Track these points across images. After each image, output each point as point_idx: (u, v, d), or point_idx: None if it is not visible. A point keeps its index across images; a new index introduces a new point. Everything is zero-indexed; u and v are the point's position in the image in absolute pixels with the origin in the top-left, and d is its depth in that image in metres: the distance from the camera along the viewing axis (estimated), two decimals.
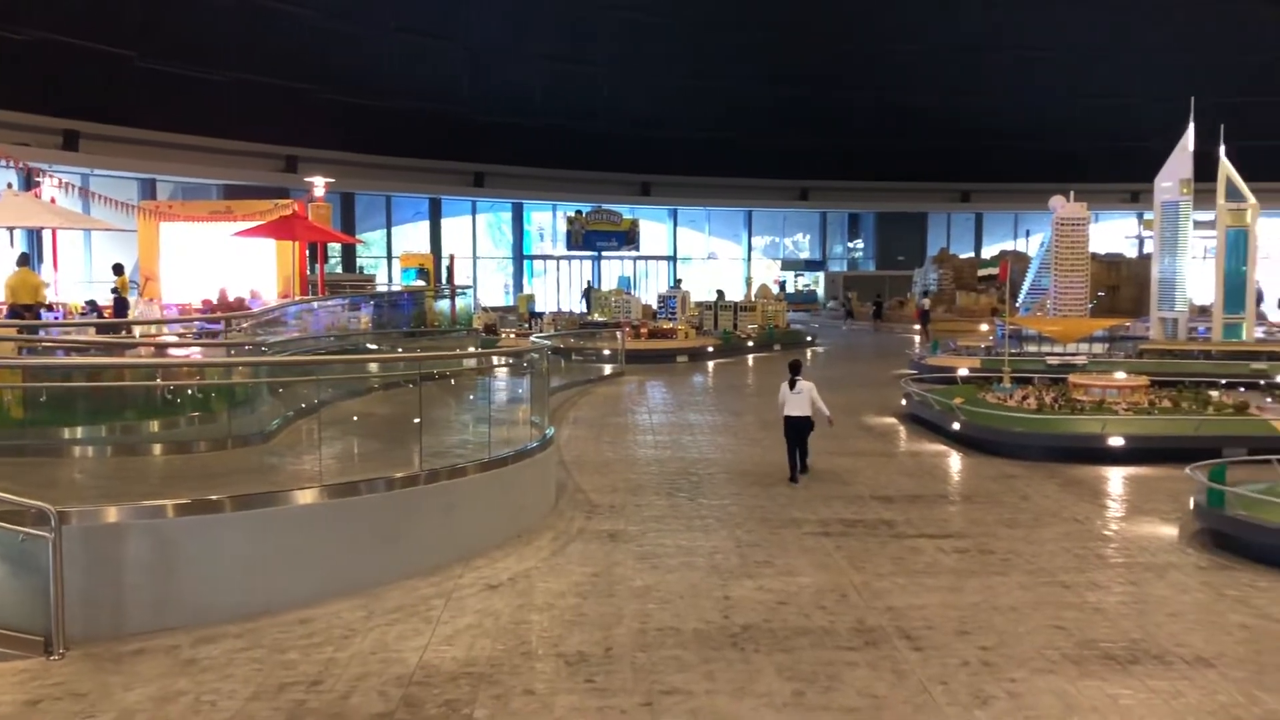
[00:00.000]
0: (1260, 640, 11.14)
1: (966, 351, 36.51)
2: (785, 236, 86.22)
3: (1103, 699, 9.57)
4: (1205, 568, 13.93)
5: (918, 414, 25.87)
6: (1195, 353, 34.95)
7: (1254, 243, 36.85)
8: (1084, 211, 37.53)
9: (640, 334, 42.87)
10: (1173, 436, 21.41)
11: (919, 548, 14.72)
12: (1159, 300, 38.24)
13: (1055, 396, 24.13)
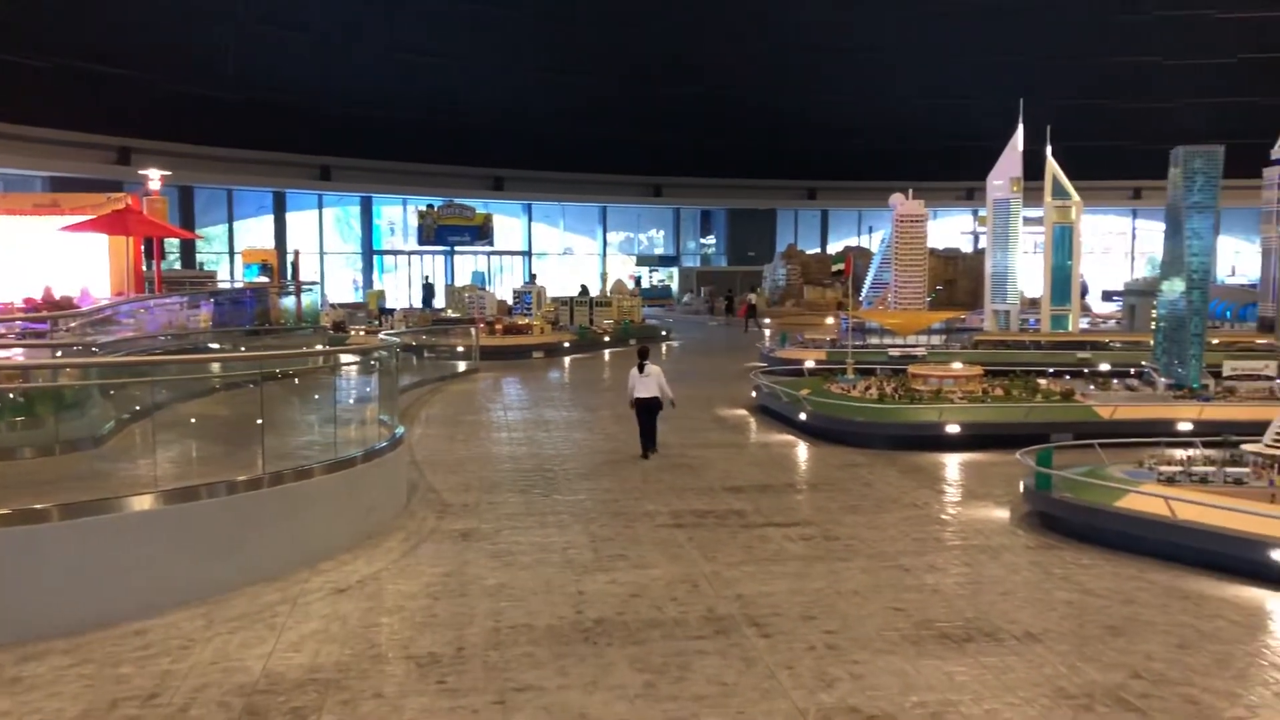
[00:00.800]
0: (1083, 615, 11.81)
1: (813, 344, 37.51)
2: (640, 232, 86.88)
3: (939, 677, 9.99)
4: (1034, 548, 14.67)
5: (767, 405, 26.46)
6: (1026, 343, 36.80)
7: (1079, 238, 38.99)
8: (922, 209, 39.01)
9: (495, 330, 42.57)
10: (1005, 423, 22.49)
11: (768, 536, 15.06)
12: (992, 293, 40.11)
13: (896, 387, 25.03)
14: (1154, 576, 13.17)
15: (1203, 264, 25.81)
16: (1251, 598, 12.42)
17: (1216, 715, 9.19)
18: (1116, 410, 22.88)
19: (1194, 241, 25.54)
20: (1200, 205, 25.52)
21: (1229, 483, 15.74)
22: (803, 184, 79.94)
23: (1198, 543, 13.63)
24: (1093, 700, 9.46)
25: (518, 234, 79.57)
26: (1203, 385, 24.97)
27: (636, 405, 20.61)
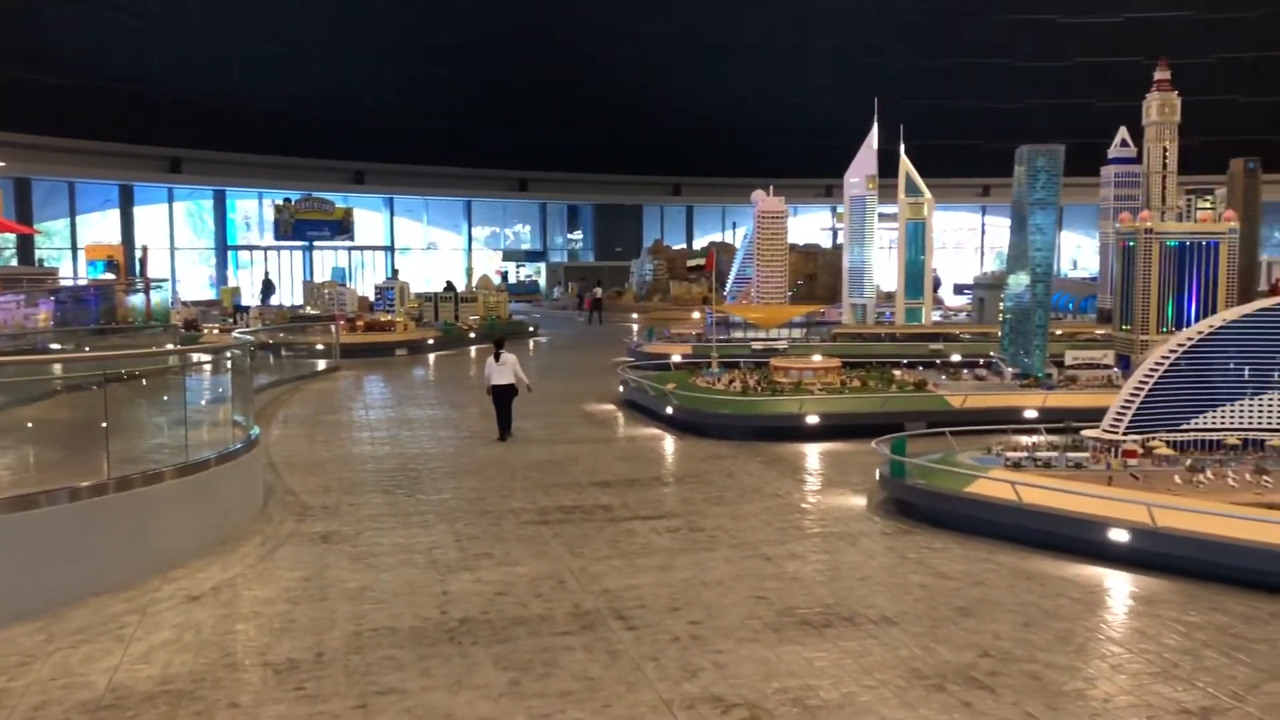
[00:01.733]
0: (936, 597, 12.25)
1: (680, 339, 37.89)
2: (506, 227, 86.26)
3: (800, 662, 10.22)
4: (890, 533, 15.15)
5: (635, 400, 26.61)
6: (882, 335, 37.94)
7: (931, 234, 40.36)
8: (782, 205, 39.82)
9: (356, 327, 41.67)
10: (862, 413, 23.13)
11: (634, 530, 15.15)
12: (850, 288, 41.21)
13: (758, 379, 25.49)
14: (1002, 558, 13.75)
15: (1046, 258, 27.03)
16: (1091, 576, 13.08)
17: (1058, 689, 9.64)
18: (967, 399, 23.80)
19: (1037, 237, 26.73)
20: (1043, 202, 26.72)
21: (1070, 467, 16.56)
22: (668, 180, 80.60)
23: (1042, 525, 14.29)
24: (945, 680, 9.81)
25: (379, 228, 78.01)
26: (1047, 374, 26.18)
27: (493, 392, 22.14)
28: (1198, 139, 43.27)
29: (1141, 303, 25.87)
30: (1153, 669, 10.09)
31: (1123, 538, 13.37)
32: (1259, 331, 17.54)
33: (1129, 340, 26.31)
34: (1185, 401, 17.56)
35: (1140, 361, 19.56)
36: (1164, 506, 13.54)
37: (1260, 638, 10.89)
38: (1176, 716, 9.04)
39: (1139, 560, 13.24)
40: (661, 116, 71.48)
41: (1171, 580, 12.73)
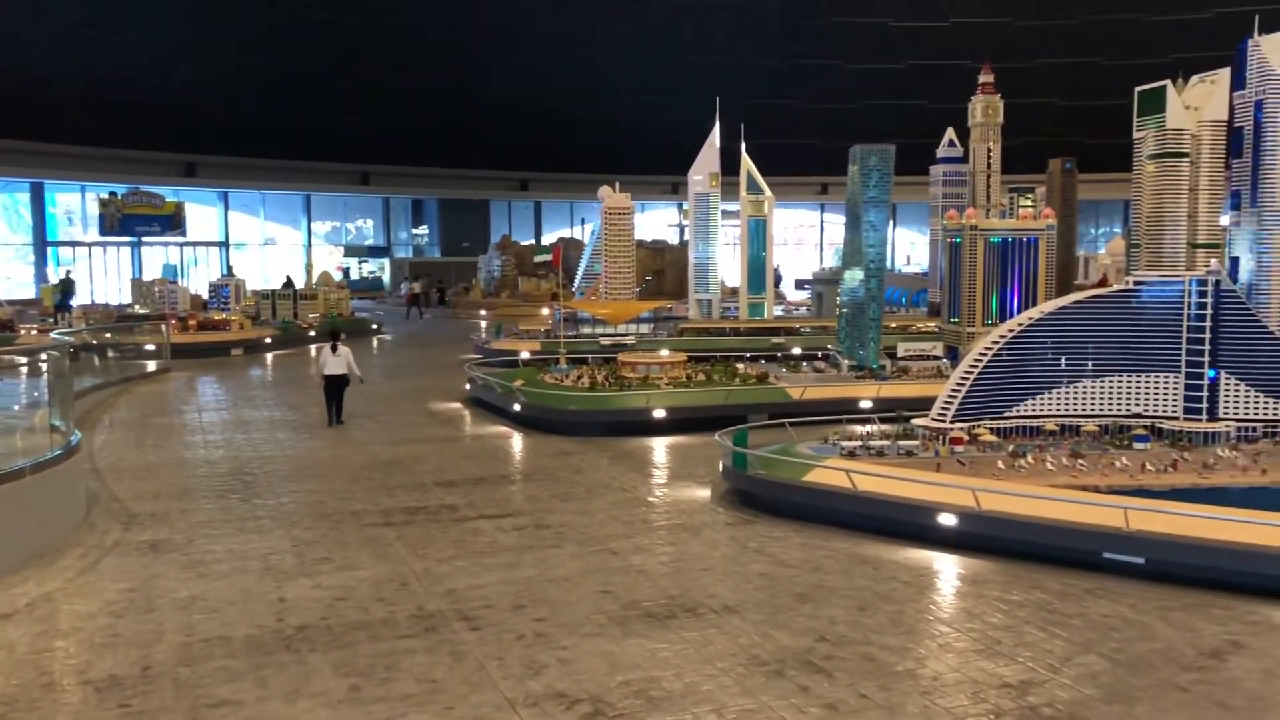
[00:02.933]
0: (775, 585, 12.55)
1: (528, 335, 37.75)
2: (348, 221, 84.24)
3: (643, 655, 10.32)
4: (732, 524, 15.45)
5: (482, 398, 26.37)
6: (726, 330, 38.66)
7: (771, 231, 41.31)
8: (629, 202, 40.07)
9: (189, 326, 39.99)
10: (707, 406, 23.54)
11: (480, 529, 15.02)
12: (695, 283, 41.84)
13: (606, 375, 25.61)
14: (838, 545, 14.19)
15: (879, 254, 28.00)
16: (921, 559, 13.63)
17: (890, 669, 10.02)
18: (806, 391, 24.46)
19: (871, 233, 27.67)
20: (876, 200, 27.66)
21: (902, 454, 17.21)
22: (516, 175, 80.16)
23: (875, 511, 14.82)
24: (784, 665, 10.07)
25: (214, 223, 75.05)
26: (881, 366, 27.14)
27: (326, 381, 23.32)
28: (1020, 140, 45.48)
29: (968, 296, 27.05)
30: (978, 646, 10.58)
31: (950, 521, 13.98)
32: (1074, 323, 18.61)
33: (957, 332, 27.49)
34: (1007, 390, 18.49)
35: (967, 353, 20.48)
36: (987, 490, 14.22)
37: (1075, 612, 11.55)
38: (999, 690, 9.50)
39: (966, 542, 13.87)
40: (509, 111, 70.91)
41: (995, 561, 13.37)
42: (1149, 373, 18.32)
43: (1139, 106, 27.94)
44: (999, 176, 39.18)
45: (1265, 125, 24.52)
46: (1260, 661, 10.12)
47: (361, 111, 69.04)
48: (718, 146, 41.23)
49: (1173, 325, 18.11)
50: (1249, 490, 15.74)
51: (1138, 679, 9.72)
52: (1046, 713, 9.00)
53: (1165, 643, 10.61)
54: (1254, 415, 18.07)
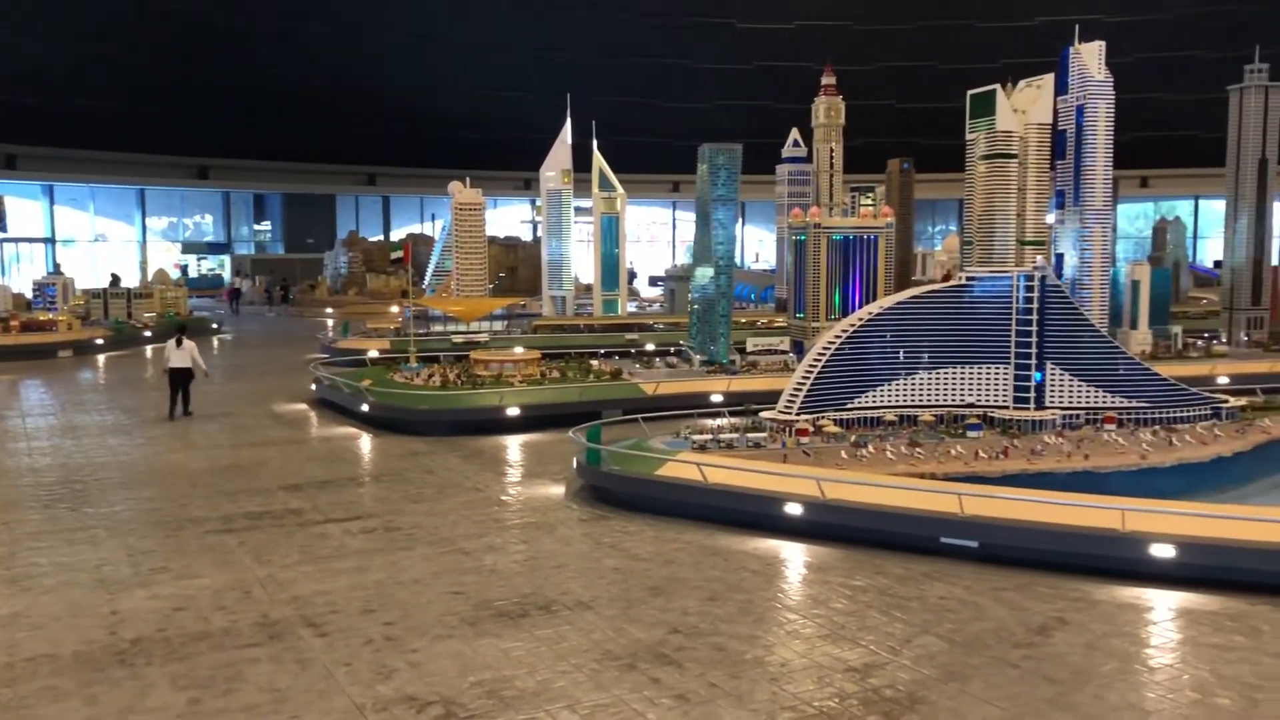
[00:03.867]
0: (629, 579, 12.65)
1: (377, 334, 37.00)
2: (186, 217, 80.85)
3: (496, 654, 10.26)
4: (587, 520, 15.49)
5: (329, 398, 25.72)
6: (580, 327, 38.73)
7: (624, 228, 41.58)
8: (480, 197, 39.69)
9: (10, 328, 37.71)
10: (561, 403, 23.55)
11: (327, 533, 14.65)
12: (549, 280, 41.80)
13: (458, 373, 25.34)
14: (690, 537, 14.40)
15: (728, 251, 28.51)
16: (769, 548, 13.95)
17: (740, 658, 10.22)
18: (659, 386, 24.73)
19: (720, 231, 28.15)
20: (724, 198, 28.16)
21: (751, 447, 17.59)
22: (363, 169, 78.29)
23: (725, 503, 15.10)
24: (636, 658, 10.16)
25: (38, 218, 70.88)
26: (731, 361, 27.65)
27: (170, 374, 23.80)
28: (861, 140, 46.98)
29: (812, 292, 27.85)
30: (823, 632, 10.90)
31: (797, 511, 14.35)
32: (911, 317, 19.34)
33: (803, 327, 28.25)
34: (850, 382, 19.09)
35: (812, 347, 21.05)
36: (831, 480, 14.66)
37: (914, 595, 12.02)
38: (844, 674, 9.81)
39: (811, 531, 14.27)
40: (356, 104, 69.27)
41: (840, 548, 13.80)
42: (981, 364, 19.19)
43: (970, 109, 29.26)
44: (841, 176, 40.40)
45: (1086, 128, 26.04)
46: (1082, 636, 10.73)
47: (198, 103, 66.28)
48: (569, 143, 41.27)
49: (1002, 319, 19.02)
50: (1073, 474, 16.68)
51: (972, 657, 10.19)
52: (888, 694, 9.34)
53: (997, 622, 11.15)
54: (1077, 403, 19.13)
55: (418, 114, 70.73)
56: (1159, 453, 17.40)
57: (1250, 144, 32.37)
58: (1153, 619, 11.39)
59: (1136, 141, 52.59)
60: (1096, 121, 25.62)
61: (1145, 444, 17.77)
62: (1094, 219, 26.04)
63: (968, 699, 9.21)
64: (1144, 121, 56.02)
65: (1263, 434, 18.83)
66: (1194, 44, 62.78)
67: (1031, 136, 28.84)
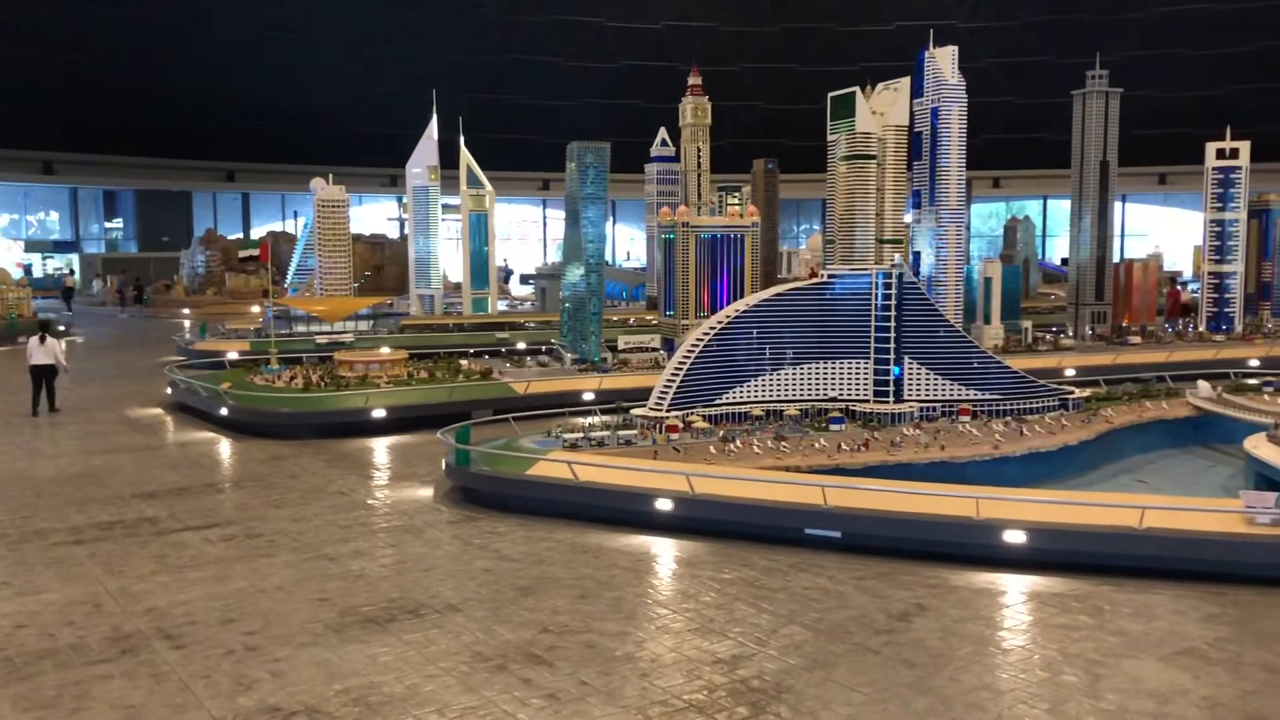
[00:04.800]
0: (499, 580, 12.56)
1: (236, 335, 35.85)
2: (29, 214, 76.85)
3: (363, 661, 10.06)
4: (456, 522, 15.32)
5: (186, 402, 24.80)
6: (450, 326, 38.28)
7: (493, 225, 41.26)
8: (343, 194, 38.84)
9: None
10: (430, 404, 23.23)
11: (184, 542, 14.13)
12: (416, 278, 41.19)
13: (322, 375, 24.75)
14: (561, 535, 14.38)
15: (598, 250, 28.56)
16: (640, 545, 14.04)
17: (610, 655, 10.26)
18: (530, 385, 24.63)
19: (590, 229, 28.18)
20: (593, 196, 28.20)
21: (622, 444, 17.67)
22: (221, 165, 75.62)
23: (596, 500, 15.13)
24: (506, 659, 10.10)
25: None
26: (602, 359, 27.73)
27: (33, 370, 23.84)
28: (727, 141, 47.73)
29: (681, 290, 28.15)
30: (693, 626, 11.04)
31: (666, 506, 14.49)
32: (776, 314, 19.73)
33: (673, 325, 28.52)
34: (718, 379, 19.37)
35: (681, 344, 21.27)
36: (700, 475, 14.85)
37: (780, 587, 12.27)
38: (712, 666, 9.94)
39: (681, 526, 14.42)
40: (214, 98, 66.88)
41: (709, 542, 13.99)
42: (843, 359, 19.70)
43: (831, 111, 29.99)
44: (709, 175, 40.92)
45: (940, 130, 26.97)
46: (940, 621, 11.12)
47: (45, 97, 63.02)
48: (436, 139, 40.73)
49: (862, 315, 19.56)
50: (931, 465, 17.29)
51: (836, 645, 10.46)
52: (755, 684, 9.51)
53: (860, 610, 11.47)
54: (934, 396, 19.82)
55: (279, 108, 68.75)
56: (1011, 443, 18.16)
57: (1093, 146, 34.07)
58: (1006, 602, 11.89)
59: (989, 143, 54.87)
60: (950, 124, 26.56)
61: (998, 435, 18.53)
62: (949, 218, 27.00)
63: (832, 686, 9.45)
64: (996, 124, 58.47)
65: (1106, 424, 19.85)
66: (1041, 50, 65.74)
67: (889, 138, 29.72)
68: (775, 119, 69.57)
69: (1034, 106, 62.80)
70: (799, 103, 52.10)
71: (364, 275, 49.50)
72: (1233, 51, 64.48)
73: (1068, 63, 40.33)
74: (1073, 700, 9.16)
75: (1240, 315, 35.23)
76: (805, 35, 69.76)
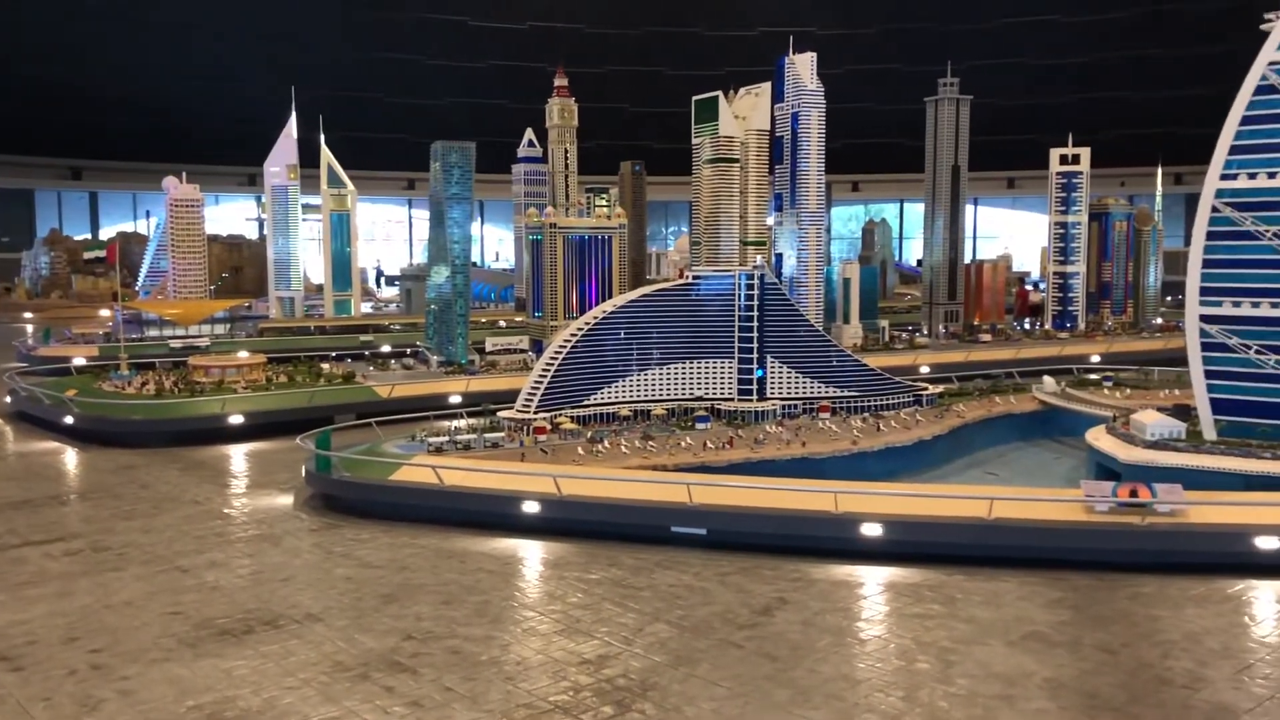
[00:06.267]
0: (361, 588, 12.33)
1: (84, 339, 34.22)
2: None
3: (217, 675, 9.74)
4: (317, 529, 14.97)
5: (27, 410, 23.59)
6: (311, 329, 37.34)
7: (356, 226, 40.44)
8: (197, 193, 37.55)
9: None
10: (290, 409, 22.62)
11: (24, 558, 13.44)
12: (276, 280, 40.09)
13: (176, 380, 23.88)
14: (426, 541, 14.20)
15: (463, 250, 28.29)
16: (506, 548, 13.97)
17: (475, 659, 10.19)
18: (394, 389, 24.25)
19: (455, 230, 27.90)
20: (458, 197, 27.92)
21: (489, 447, 17.55)
22: (66, 163, 72.02)
23: (462, 504, 14.99)
24: (368, 668, 9.92)
25: None
26: (470, 361, 27.48)
27: None
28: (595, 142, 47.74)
29: (550, 291, 28.12)
30: (559, 627, 11.04)
31: (534, 509, 14.45)
32: (643, 315, 19.88)
33: (541, 326, 28.47)
34: (586, 380, 19.41)
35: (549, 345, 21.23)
36: (567, 476, 14.86)
37: (646, 585, 12.37)
38: (578, 667, 9.97)
39: (549, 528, 14.41)
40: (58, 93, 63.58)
41: (577, 543, 14.01)
42: (708, 359, 19.98)
43: (695, 115, 30.40)
44: (576, 177, 40.93)
45: (800, 135, 27.60)
46: (801, 614, 11.39)
47: None
48: (295, 138, 39.69)
49: (727, 315, 19.87)
50: (792, 461, 17.68)
51: (700, 641, 10.60)
52: (621, 683, 9.57)
53: (723, 605, 11.65)
54: (795, 394, 20.26)
55: (130, 102, 65.87)
56: (868, 438, 18.72)
57: (944, 151, 35.38)
58: (864, 594, 12.25)
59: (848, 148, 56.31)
60: (810, 128, 27.21)
61: (856, 430, 19.07)
62: (809, 221, 27.65)
63: (696, 681, 9.58)
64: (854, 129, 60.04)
65: (958, 418, 20.64)
66: (896, 58, 67.83)
67: (752, 142, 30.27)
68: (642, 121, 69.98)
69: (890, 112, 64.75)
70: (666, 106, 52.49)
71: (221, 277, 47.94)
72: (1075, 61, 67.83)
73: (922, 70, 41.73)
74: (926, 686, 9.50)
75: (1083, 313, 37.08)
76: (671, 39, 70.46)
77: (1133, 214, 42.74)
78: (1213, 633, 11.14)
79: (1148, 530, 13.15)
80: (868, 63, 67.79)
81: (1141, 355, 32.52)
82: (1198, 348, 20.21)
